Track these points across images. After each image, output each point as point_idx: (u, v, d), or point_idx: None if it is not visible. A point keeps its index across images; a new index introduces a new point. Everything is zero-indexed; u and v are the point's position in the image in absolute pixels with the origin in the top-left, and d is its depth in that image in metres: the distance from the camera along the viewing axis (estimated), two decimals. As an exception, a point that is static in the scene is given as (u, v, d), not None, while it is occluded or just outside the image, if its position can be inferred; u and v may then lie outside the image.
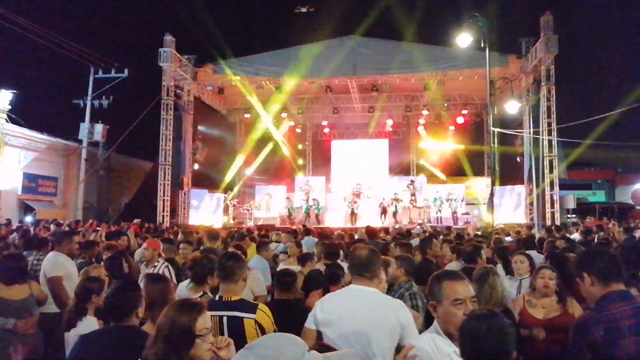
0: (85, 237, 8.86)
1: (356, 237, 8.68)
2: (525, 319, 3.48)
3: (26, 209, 19.58)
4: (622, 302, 2.20)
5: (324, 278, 4.26)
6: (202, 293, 3.46)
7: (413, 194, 21.16)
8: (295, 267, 5.73)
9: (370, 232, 7.31)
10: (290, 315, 3.06)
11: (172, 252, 5.46)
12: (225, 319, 2.75)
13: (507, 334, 1.70)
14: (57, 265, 4.79)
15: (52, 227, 12.29)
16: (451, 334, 2.02)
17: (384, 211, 20.23)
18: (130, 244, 7.36)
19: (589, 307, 2.95)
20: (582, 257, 2.52)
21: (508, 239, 9.37)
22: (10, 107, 18.63)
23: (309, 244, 7.85)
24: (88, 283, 3.40)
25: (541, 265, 3.80)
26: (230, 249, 6.17)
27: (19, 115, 19.25)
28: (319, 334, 2.52)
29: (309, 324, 2.59)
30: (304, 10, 18.65)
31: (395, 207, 20.11)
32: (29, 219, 18.12)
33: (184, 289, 3.85)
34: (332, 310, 2.55)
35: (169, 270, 4.73)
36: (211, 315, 2.72)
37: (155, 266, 4.78)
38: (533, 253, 5.83)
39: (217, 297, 2.92)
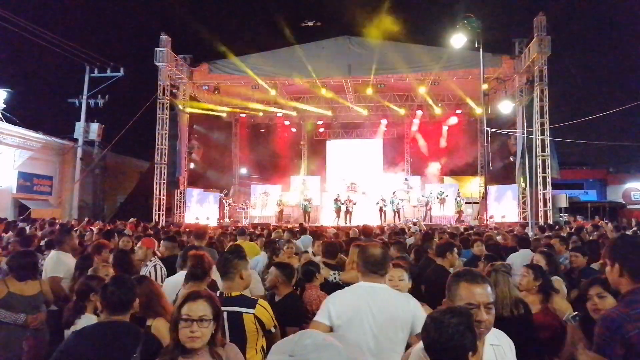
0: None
1: (350, 235, 8.75)
2: None
3: (21, 208, 19.55)
4: None
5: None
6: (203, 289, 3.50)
7: (407, 192, 21.33)
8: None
9: (367, 231, 7.38)
10: None
11: (174, 250, 5.43)
12: (225, 314, 2.83)
13: (456, 332, 1.67)
14: (59, 265, 4.85)
15: (46, 226, 12.30)
16: None
17: (381, 211, 20.38)
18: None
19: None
20: (618, 246, 2.36)
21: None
22: (5, 105, 18.62)
23: (305, 242, 7.97)
24: (87, 281, 3.45)
25: (526, 264, 3.86)
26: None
27: (14, 114, 19.26)
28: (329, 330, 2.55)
29: (322, 318, 2.59)
30: (310, 24, 18.86)
31: (397, 205, 20.25)
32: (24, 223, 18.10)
33: (176, 284, 3.91)
34: (346, 307, 2.59)
35: (155, 270, 4.68)
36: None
37: (146, 265, 4.75)
38: (526, 252, 6.02)
39: (217, 293, 3.02)
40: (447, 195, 21.06)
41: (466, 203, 20.74)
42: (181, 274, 4.05)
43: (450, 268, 4.63)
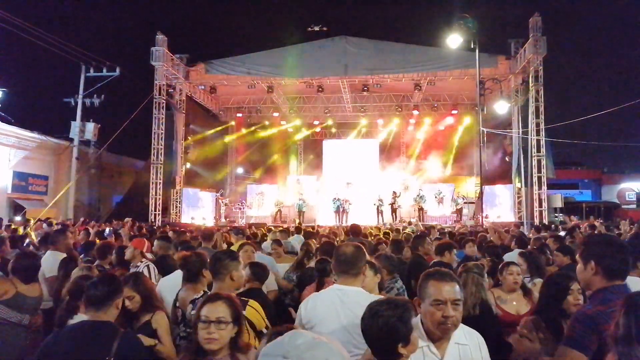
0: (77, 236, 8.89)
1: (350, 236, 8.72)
2: (500, 316, 3.47)
3: (16, 207, 19.46)
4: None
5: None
6: (202, 293, 3.36)
7: (403, 192, 21.40)
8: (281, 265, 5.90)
9: (355, 230, 7.40)
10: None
11: (168, 250, 5.40)
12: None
13: (387, 323, 1.80)
14: (55, 264, 4.84)
15: (44, 226, 12.28)
16: (430, 331, 2.08)
17: (378, 211, 20.41)
18: (122, 243, 7.39)
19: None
20: (594, 245, 2.37)
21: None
22: (0, 105, 18.53)
23: (299, 241, 7.98)
24: (80, 281, 3.45)
25: (507, 262, 3.89)
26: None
27: (9, 113, 19.19)
28: None
29: (296, 324, 2.65)
30: (316, 29, 18.95)
31: (392, 205, 20.31)
32: (18, 218, 18.02)
33: (174, 283, 3.91)
34: (314, 311, 2.59)
35: (148, 269, 4.62)
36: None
37: (137, 266, 4.67)
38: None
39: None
40: (444, 195, 21.12)
41: (465, 203, 20.81)
42: (177, 274, 4.03)
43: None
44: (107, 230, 10.95)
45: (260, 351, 1.25)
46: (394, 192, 20.56)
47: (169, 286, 3.94)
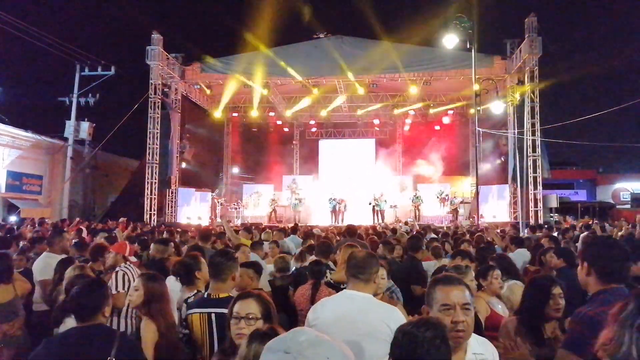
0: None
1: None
2: (496, 322, 3.24)
3: (10, 207, 19.34)
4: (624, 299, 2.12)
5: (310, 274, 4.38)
6: (195, 291, 3.50)
7: (400, 192, 21.44)
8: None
9: (351, 230, 7.40)
10: None
11: (165, 253, 5.23)
12: (213, 315, 2.82)
13: (432, 346, 1.59)
14: (47, 267, 4.74)
15: (36, 226, 12.18)
16: None
17: (374, 211, 20.45)
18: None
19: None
20: (589, 247, 2.37)
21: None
22: (-6, 104, 18.39)
23: (295, 241, 7.96)
24: (77, 280, 3.44)
25: (490, 265, 3.78)
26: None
27: (3, 112, 19.07)
28: None
29: (305, 325, 2.65)
30: (322, 36, 19.02)
31: (381, 205, 20.34)
32: (13, 218, 17.92)
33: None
34: (324, 315, 2.56)
35: (123, 276, 4.21)
36: (200, 312, 2.84)
37: (117, 272, 4.30)
38: (523, 251, 6.14)
39: (205, 295, 3.01)
40: (447, 195, 21.21)
41: (461, 203, 20.84)
42: (170, 279, 3.95)
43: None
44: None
45: (264, 346, 1.27)
46: (381, 194, 20.57)
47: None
